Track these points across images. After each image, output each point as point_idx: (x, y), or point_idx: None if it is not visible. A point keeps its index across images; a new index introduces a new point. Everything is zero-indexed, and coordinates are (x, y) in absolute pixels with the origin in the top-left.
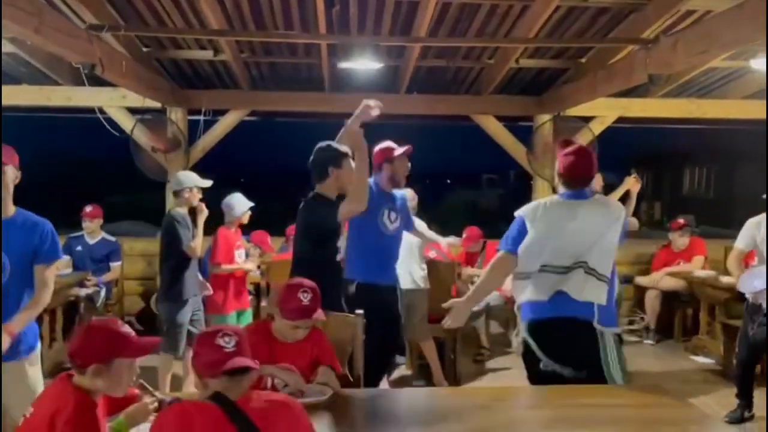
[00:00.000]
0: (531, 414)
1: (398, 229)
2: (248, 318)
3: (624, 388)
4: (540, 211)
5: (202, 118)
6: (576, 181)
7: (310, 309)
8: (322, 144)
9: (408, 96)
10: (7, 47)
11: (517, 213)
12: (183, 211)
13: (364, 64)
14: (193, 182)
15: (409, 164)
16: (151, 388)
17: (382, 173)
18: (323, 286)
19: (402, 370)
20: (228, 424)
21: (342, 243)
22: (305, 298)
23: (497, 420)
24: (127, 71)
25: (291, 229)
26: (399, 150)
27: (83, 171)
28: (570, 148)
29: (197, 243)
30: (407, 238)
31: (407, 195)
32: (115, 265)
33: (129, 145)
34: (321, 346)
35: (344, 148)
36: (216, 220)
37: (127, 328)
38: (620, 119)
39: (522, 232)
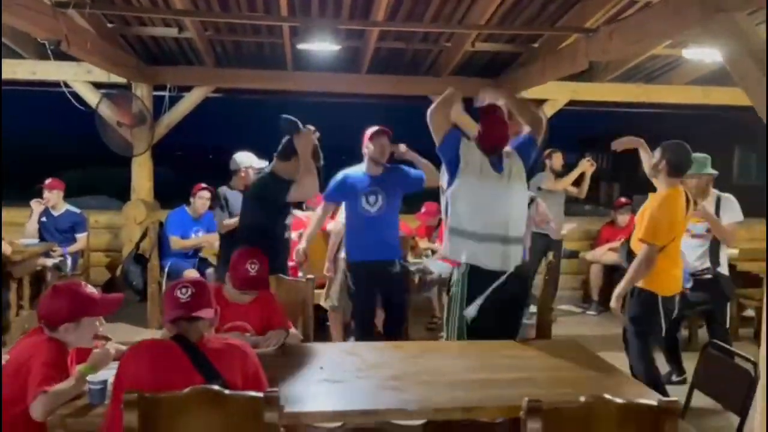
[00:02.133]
0: (455, 362)
1: (381, 209)
2: None
3: (542, 343)
4: None
5: (167, 94)
6: (489, 148)
7: (256, 279)
8: (282, 121)
9: (368, 76)
10: None
11: None
12: (228, 189)
13: (323, 46)
14: (249, 163)
15: (387, 143)
16: (108, 337)
17: (365, 157)
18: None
19: None
20: (185, 359)
21: (290, 220)
22: (252, 269)
23: (424, 366)
24: (93, 47)
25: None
26: (369, 132)
27: (48, 144)
28: (489, 116)
29: (229, 223)
30: None
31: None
32: (80, 236)
33: (94, 120)
34: (271, 308)
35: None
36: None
37: (90, 289)
38: (571, 102)
39: None
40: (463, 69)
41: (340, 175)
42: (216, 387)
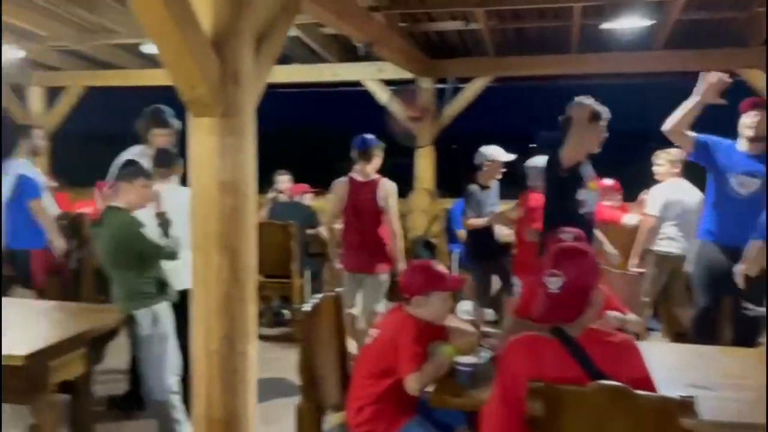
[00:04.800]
0: None
1: (754, 193)
2: None
3: None
4: None
5: (448, 86)
6: None
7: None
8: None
9: (663, 53)
10: (292, 31)
11: None
12: (474, 186)
13: (631, 23)
14: (492, 156)
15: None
16: (480, 324)
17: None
18: None
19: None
20: (569, 359)
21: (586, 195)
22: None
23: None
24: (396, 47)
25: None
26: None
27: (343, 139)
28: None
29: (474, 222)
30: None
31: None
32: None
33: (383, 115)
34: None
35: (597, 108)
36: None
37: (441, 267)
38: None
39: None
40: None
41: (711, 139)
42: (621, 384)
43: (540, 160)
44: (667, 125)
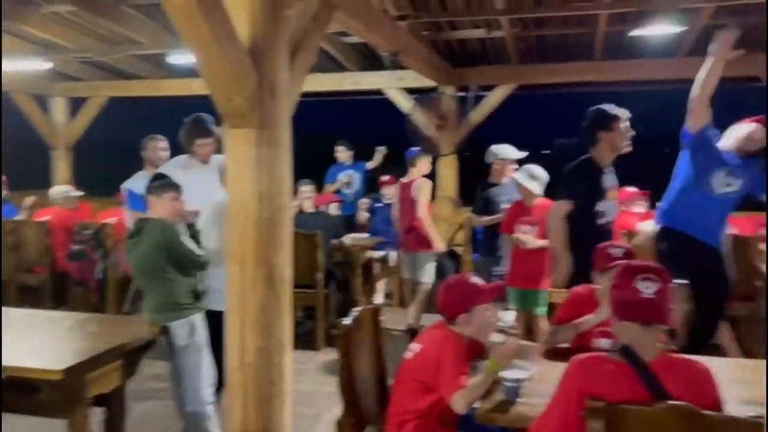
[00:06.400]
0: None
1: (731, 193)
2: None
3: None
4: None
5: (471, 94)
6: None
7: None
8: (593, 108)
9: (689, 59)
10: None
11: None
12: (484, 185)
13: (656, 30)
14: (502, 154)
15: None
16: (512, 331)
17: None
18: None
19: None
20: (638, 383)
21: (605, 206)
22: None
23: None
24: (420, 55)
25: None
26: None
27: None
28: None
29: (482, 219)
30: None
31: None
32: None
33: (404, 123)
34: None
35: (615, 111)
36: None
37: (476, 279)
38: None
39: None
40: None
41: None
42: (687, 404)
43: (537, 170)
44: (695, 90)
